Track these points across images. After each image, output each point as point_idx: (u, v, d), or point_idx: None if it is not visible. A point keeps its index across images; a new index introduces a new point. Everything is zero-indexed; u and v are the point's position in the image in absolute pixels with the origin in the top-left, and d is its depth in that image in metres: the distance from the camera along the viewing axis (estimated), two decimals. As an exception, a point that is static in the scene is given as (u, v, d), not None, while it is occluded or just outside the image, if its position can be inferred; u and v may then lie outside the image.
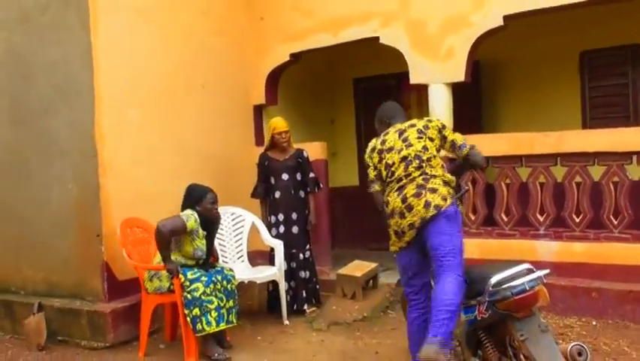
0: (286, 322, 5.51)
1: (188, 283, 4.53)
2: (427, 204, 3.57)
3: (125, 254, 4.90)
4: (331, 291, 5.99)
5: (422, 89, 6.41)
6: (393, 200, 3.71)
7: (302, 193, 5.93)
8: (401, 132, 3.95)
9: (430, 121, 4.02)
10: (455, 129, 5.93)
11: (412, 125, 3.97)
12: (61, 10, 5.42)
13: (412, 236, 3.66)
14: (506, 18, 5.60)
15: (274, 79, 7.08)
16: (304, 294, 5.79)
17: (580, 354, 2.95)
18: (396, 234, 3.75)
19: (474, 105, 7.37)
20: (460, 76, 5.86)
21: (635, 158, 5.24)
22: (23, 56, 5.70)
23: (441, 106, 5.97)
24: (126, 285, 5.24)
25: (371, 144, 4.06)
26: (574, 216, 5.48)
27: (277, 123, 5.87)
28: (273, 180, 5.87)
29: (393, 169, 3.81)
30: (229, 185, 6.10)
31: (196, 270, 4.66)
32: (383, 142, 3.97)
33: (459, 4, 5.82)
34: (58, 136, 5.47)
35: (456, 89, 6.03)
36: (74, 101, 5.32)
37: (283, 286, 5.55)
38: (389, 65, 6.93)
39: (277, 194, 5.84)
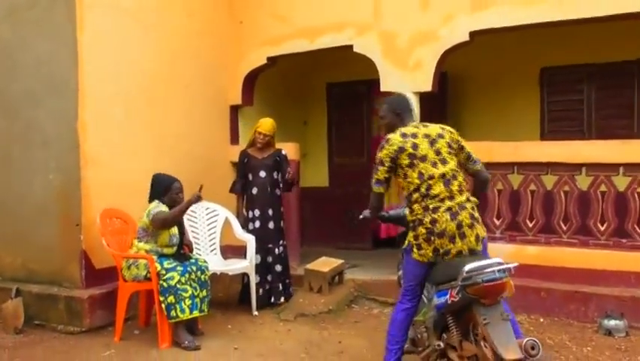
0: (255, 313, 5.77)
1: (164, 272, 4.78)
2: (477, 238, 3.62)
3: (104, 243, 5.11)
4: (299, 285, 6.27)
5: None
6: (445, 221, 3.57)
7: (278, 191, 6.15)
8: (432, 141, 3.76)
9: (451, 132, 3.89)
10: (421, 137, 6.35)
11: (440, 136, 3.80)
12: (48, 6, 5.59)
13: (450, 259, 3.63)
14: (472, 34, 5.96)
15: (251, 81, 7.33)
16: (280, 287, 6.04)
17: (533, 348, 3.16)
18: (434, 250, 3.62)
19: (440, 114, 7.66)
20: (427, 86, 6.19)
21: (584, 169, 5.64)
22: (10, 49, 5.85)
23: (409, 114, 6.30)
24: (103, 273, 5.45)
25: (397, 143, 3.74)
26: (527, 222, 5.87)
27: (262, 124, 6.07)
28: (250, 177, 6.06)
29: (431, 183, 3.65)
30: (205, 181, 6.26)
31: (172, 260, 4.92)
32: (415, 146, 3.72)
33: (428, 19, 6.15)
34: (41, 128, 5.64)
35: (423, 98, 6.34)
36: (59, 95, 5.50)
37: (254, 279, 5.82)
38: (361, 72, 7.19)
39: (254, 190, 6.03)
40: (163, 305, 4.75)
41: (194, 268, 4.96)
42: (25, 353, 4.83)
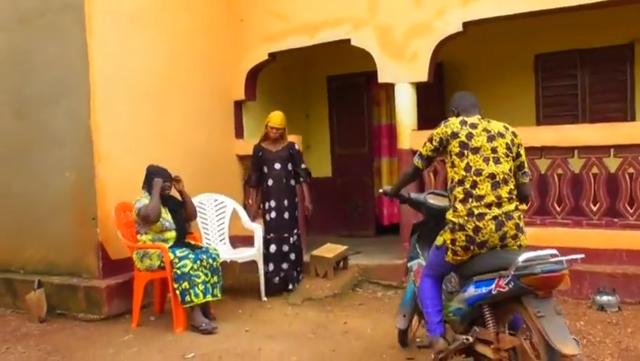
0: (264, 298, 6.05)
1: (177, 261, 5.07)
2: (520, 247, 3.45)
3: (120, 235, 5.41)
4: (305, 271, 6.55)
5: (390, 87, 6.96)
6: (489, 232, 3.36)
7: (292, 182, 6.37)
8: (490, 137, 3.53)
9: (514, 135, 3.64)
10: (419, 125, 6.60)
11: (501, 135, 3.55)
12: (59, 13, 5.88)
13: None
14: (465, 24, 6.17)
15: (253, 76, 7.58)
16: (295, 274, 6.31)
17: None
18: (471, 258, 3.46)
19: (437, 103, 7.90)
20: (423, 76, 6.43)
21: (576, 152, 5.84)
22: (24, 54, 6.15)
23: (406, 103, 6.56)
24: (119, 264, 5.75)
25: (453, 127, 3.55)
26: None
27: (272, 118, 6.29)
28: (266, 170, 6.28)
29: (477, 180, 3.43)
30: (211, 174, 6.62)
31: (184, 248, 5.21)
32: (469, 136, 3.51)
33: (422, 12, 6.37)
34: (56, 128, 5.94)
35: (420, 88, 6.59)
36: (72, 96, 5.80)
37: (262, 266, 6.09)
38: (360, 64, 7.39)
39: (270, 182, 6.25)
40: (177, 291, 5.04)
41: (205, 256, 5.24)
42: (50, 340, 5.14)
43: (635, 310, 5.17)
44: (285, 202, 6.29)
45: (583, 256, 3.22)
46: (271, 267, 6.18)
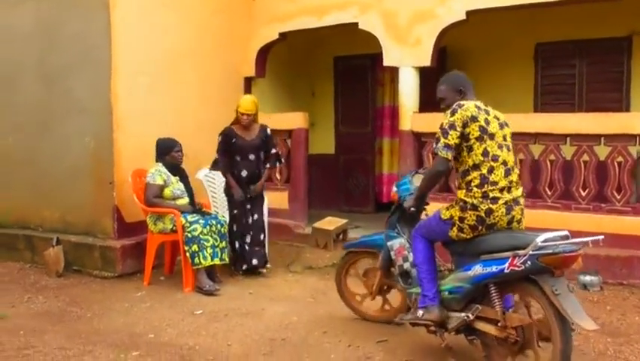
0: (268, 265, 6.25)
1: (188, 225, 5.43)
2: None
3: (135, 199, 5.75)
4: (306, 242, 6.89)
5: (394, 70, 7.23)
6: (500, 215, 3.45)
7: (263, 170, 6.22)
8: (501, 125, 3.63)
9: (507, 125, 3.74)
10: (421, 109, 6.89)
11: (506, 124, 3.70)
12: (83, -12, 6.19)
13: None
14: (469, 13, 6.43)
15: (263, 54, 7.87)
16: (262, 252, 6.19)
17: None
18: (475, 237, 3.55)
19: (439, 87, 8.19)
20: (426, 61, 6.71)
21: (569, 139, 6.11)
22: (51, 25, 6.49)
23: (409, 87, 6.85)
24: (132, 226, 6.13)
25: (472, 110, 3.53)
26: (515, 187, 6.39)
27: (243, 103, 6.01)
28: (238, 158, 6.03)
29: (494, 165, 3.49)
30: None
31: (195, 214, 5.55)
32: (487, 121, 3.54)
33: (427, -1, 6.62)
34: (78, 97, 6.28)
35: (423, 72, 6.85)
36: (94, 68, 6.13)
37: (267, 236, 6.37)
38: (366, 46, 7.59)
39: (244, 173, 6.02)
40: (187, 254, 5.40)
41: (214, 222, 5.60)
42: (69, 293, 5.52)
43: (616, 290, 5.47)
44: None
45: (602, 237, 3.31)
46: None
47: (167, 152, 5.72)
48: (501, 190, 3.46)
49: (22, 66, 6.75)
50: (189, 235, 5.39)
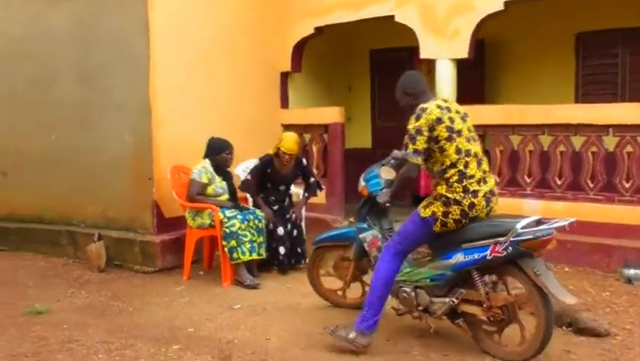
0: (304, 261, 6.17)
1: (226, 220, 5.47)
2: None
3: (174, 195, 5.83)
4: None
5: (431, 62, 7.12)
6: (481, 208, 3.65)
7: (304, 196, 6.26)
8: (462, 117, 3.78)
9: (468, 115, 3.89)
10: (458, 101, 6.71)
11: (467, 115, 3.84)
12: (121, -14, 6.29)
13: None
14: (507, 3, 6.32)
15: (299, 49, 7.89)
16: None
17: None
18: (462, 227, 3.70)
19: (477, 79, 8.08)
20: (464, 53, 6.63)
21: (611, 130, 5.97)
22: (89, 24, 6.59)
23: (446, 79, 6.77)
24: (172, 222, 6.21)
25: (435, 113, 3.65)
26: (556, 179, 6.27)
27: (285, 142, 5.91)
28: (269, 185, 6.11)
29: (468, 160, 3.66)
30: (257, 142, 6.93)
31: (233, 210, 5.60)
32: (452, 120, 3.68)
33: (465, -10, 6.54)
34: (117, 94, 6.39)
35: (461, 64, 6.78)
36: (132, 65, 6.22)
37: (304, 231, 6.38)
38: (403, 39, 7.54)
39: (272, 199, 6.09)
40: (226, 249, 5.45)
41: (252, 217, 5.64)
42: (110, 287, 5.63)
43: (661, 283, 5.32)
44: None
45: (574, 219, 3.64)
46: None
47: (218, 152, 5.78)
48: (478, 182, 3.65)
49: (61, 65, 6.89)
50: (227, 230, 5.44)
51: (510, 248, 3.51)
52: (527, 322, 3.71)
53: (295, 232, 6.15)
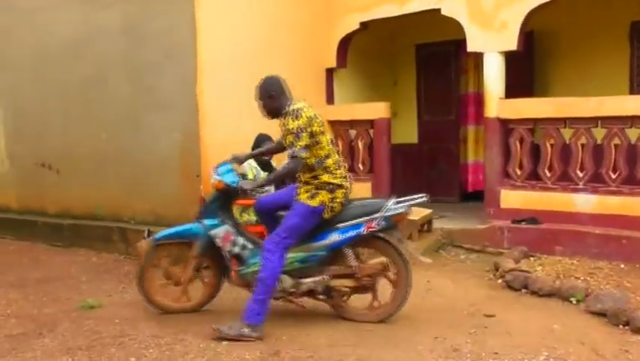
0: None
1: (273, 216, 5.48)
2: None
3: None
4: (391, 233, 6.83)
5: (478, 56, 7.05)
6: (351, 188, 4.22)
7: None
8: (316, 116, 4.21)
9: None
10: (507, 94, 6.69)
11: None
12: (169, -15, 6.38)
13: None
14: (557, -7, 6.19)
15: (344, 45, 7.86)
16: None
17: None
18: (342, 205, 4.17)
19: (527, 72, 7.91)
20: (512, 45, 6.49)
21: (669, 122, 5.76)
22: (137, 23, 6.73)
23: (494, 72, 6.65)
24: (220, 218, 6.25)
25: (308, 112, 4.10)
26: (610, 173, 6.07)
27: None
28: None
29: (335, 150, 4.24)
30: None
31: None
32: (317, 117, 4.17)
33: (514, -20, 6.39)
34: (165, 93, 6.51)
35: (510, 56, 6.64)
36: (180, 64, 6.32)
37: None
38: (449, 32, 7.49)
39: None
40: (272, 245, 5.46)
41: (298, 214, 5.63)
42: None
43: None
44: None
45: (425, 195, 4.32)
46: None
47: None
48: (345, 168, 4.27)
49: (111, 65, 7.05)
50: (274, 226, 5.46)
51: (383, 222, 4.17)
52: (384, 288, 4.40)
53: None
